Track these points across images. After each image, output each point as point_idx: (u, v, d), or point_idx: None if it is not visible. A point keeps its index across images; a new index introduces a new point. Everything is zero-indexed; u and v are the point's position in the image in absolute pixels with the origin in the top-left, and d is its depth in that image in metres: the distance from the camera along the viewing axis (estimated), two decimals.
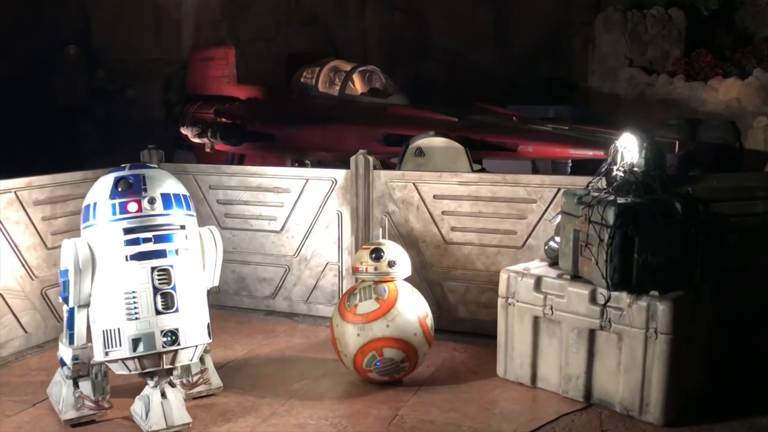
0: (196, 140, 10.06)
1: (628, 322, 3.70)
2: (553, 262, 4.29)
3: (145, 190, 3.58)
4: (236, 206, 5.46)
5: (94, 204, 3.59)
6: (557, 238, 4.32)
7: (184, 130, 10.25)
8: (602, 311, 3.77)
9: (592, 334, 3.85)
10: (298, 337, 4.99)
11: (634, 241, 3.66)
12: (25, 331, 4.65)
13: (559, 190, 4.60)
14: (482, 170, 6.39)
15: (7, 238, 4.53)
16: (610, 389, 3.83)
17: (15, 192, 4.58)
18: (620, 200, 3.72)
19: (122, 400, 3.84)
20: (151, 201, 3.56)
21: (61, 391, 3.74)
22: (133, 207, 3.54)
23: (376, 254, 4.10)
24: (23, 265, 4.63)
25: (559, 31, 13.29)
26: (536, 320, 4.07)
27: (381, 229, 4.50)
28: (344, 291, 5.18)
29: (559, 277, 4.03)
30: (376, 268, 4.07)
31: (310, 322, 5.28)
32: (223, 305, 5.52)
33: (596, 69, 12.50)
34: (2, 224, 4.50)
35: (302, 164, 9.31)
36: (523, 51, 13.43)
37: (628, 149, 3.90)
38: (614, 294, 3.72)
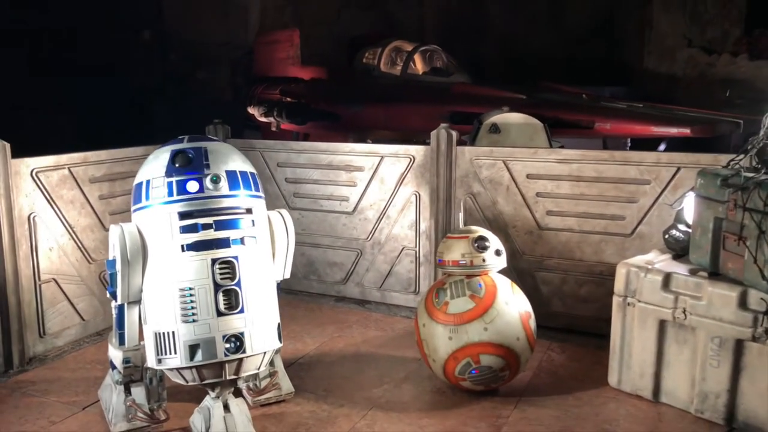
0: (263, 119, 9.23)
1: None
2: (677, 255, 3.23)
3: (208, 166, 2.64)
4: (305, 185, 4.51)
5: (147, 182, 2.65)
6: (681, 226, 3.25)
7: (251, 110, 9.43)
8: (757, 319, 2.71)
9: (739, 345, 2.79)
10: (373, 329, 4.04)
11: None
12: (83, 319, 3.81)
13: (678, 169, 3.52)
14: (561, 148, 5.33)
15: (61, 219, 3.67)
16: (761, 414, 2.77)
17: (69, 168, 3.71)
18: None
19: (182, 406, 2.99)
20: (215, 180, 2.61)
21: (111, 398, 2.88)
22: (193, 186, 2.60)
23: (480, 244, 3.09)
24: (79, 247, 3.77)
25: (613, 12, 11.93)
26: (663, 324, 3.03)
27: (460, 214, 3.49)
28: (421, 279, 4.23)
29: (694, 273, 2.97)
30: (484, 260, 3.07)
31: (383, 311, 4.33)
32: (292, 289, 4.61)
33: (653, 49, 11.13)
34: (55, 203, 3.64)
35: (363, 143, 8.38)
36: (578, 32, 12.12)
37: None
38: None
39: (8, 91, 8.06)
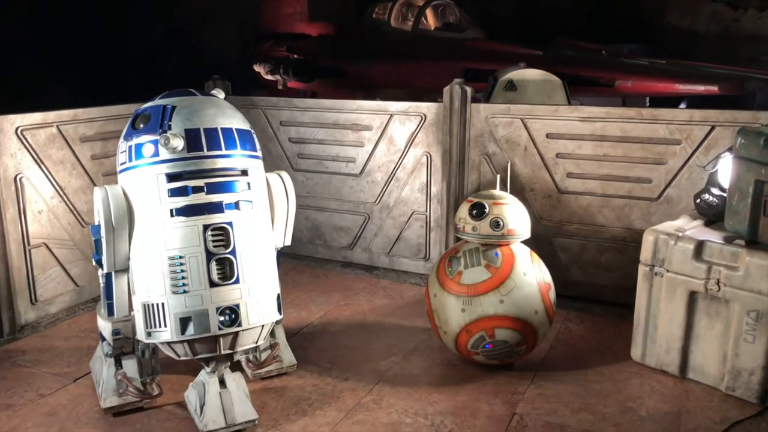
0: (269, 77, 8.91)
1: None
2: (710, 221, 2.97)
3: (169, 126, 2.34)
4: (310, 145, 4.25)
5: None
6: (714, 190, 2.98)
7: (257, 68, 9.08)
8: None
9: None
10: (381, 297, 3.83)
11: None
12: (77, 285, 3.63)
13: (713, 127, 3.22)
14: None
15: (50, 180, 3.45)
16: None
17: (57, 126, 3.47)
18: None
19: (178, 378, 2.82)
20: (166, 142, 2.29)
21: (102, 371, 2.70)
22: (148, 150, 2.34)
23: (478, 210, 2.84)
24: (71, 210, 3.56)
25: None
26: (693, 296, 2.78)
27: (499, 177, 3.19)
28: (431, 244, 4.00)
29: (729, 242, 2.71)
30: (474, 228, 2.82)
31: (392, 277, 4.11)
32: (297, 254, 4.41)
33: (674, 5, 10.60)
34: (44, 164, 3.41)
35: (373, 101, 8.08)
36: None
37: None
38: None
39: (7, 47, 7.79)
